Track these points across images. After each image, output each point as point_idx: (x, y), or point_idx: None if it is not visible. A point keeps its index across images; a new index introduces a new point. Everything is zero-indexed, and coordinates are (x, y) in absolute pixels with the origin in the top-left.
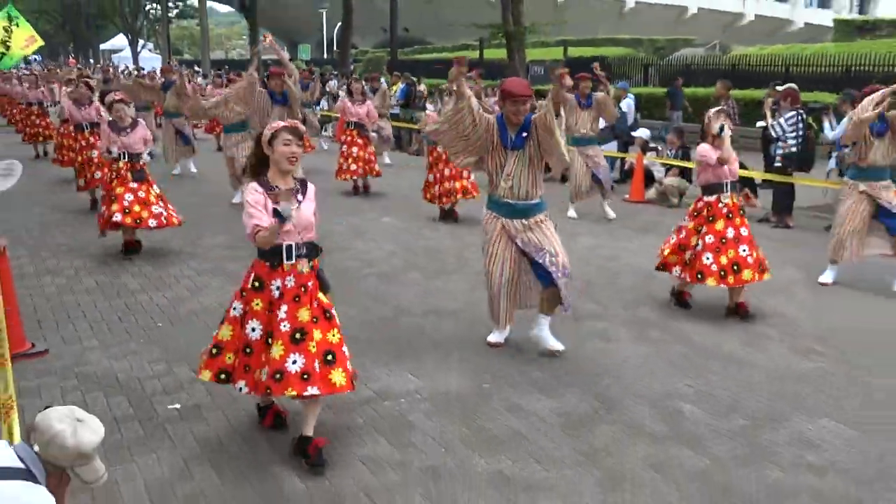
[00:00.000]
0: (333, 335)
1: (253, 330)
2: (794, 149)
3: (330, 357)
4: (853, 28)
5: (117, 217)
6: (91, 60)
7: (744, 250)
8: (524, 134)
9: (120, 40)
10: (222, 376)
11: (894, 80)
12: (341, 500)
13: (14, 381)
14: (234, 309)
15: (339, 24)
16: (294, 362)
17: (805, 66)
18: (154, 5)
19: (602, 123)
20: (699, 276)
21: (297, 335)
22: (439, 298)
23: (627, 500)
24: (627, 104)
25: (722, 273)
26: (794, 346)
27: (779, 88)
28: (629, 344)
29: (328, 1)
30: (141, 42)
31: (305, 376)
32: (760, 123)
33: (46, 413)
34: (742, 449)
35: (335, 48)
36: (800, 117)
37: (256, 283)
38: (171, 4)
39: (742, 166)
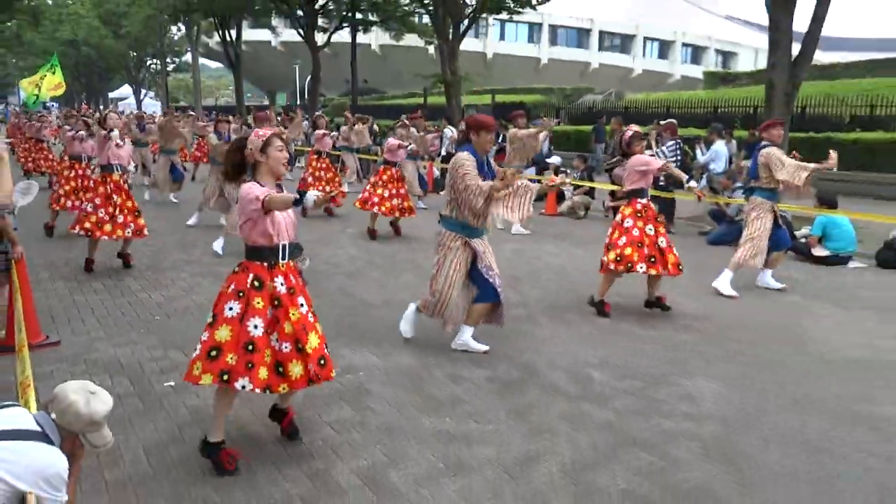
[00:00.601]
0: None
1: (255, 327)
2: None
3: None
4: (718, 78)
5: (108, 227)
6: (101, 106)
7: (662, 241)
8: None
9: (125, 90)
10: (225, 377)
11: (751, 118)
12: (312, 456)
13: (31, 367)
14: (230, 310)
15: (310, 76)
16: (325, 347)
17: (682, 108)
18: (154, 61)
19: None
20: (652, 260)
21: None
22: (394, 292)
23: (547, 447)
24: (542, 135)
25: (651, 259)
26: (677, 324)
27: (661, 123)
28: (547, 325)
29: (300, 58)
30: (143, 91)
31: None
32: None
33: (64, 386)
34: (638, 404)
35: (306, 96)
36: (678, 145)
37: (256, 283)
38: (168, 60)
39: None
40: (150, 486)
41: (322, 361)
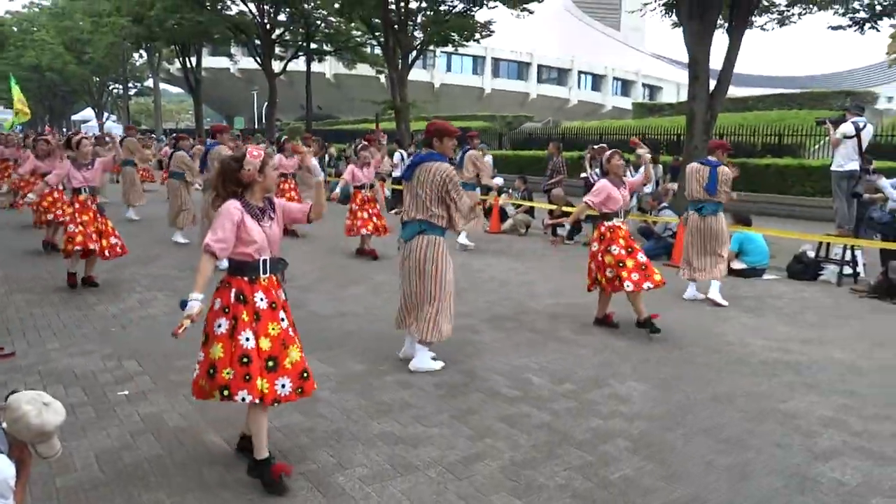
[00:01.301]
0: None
1: (247, 339)
2: None
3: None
4: (646, 109)
5: (79, 238)
6: (64, 129)
7: (642, 257)
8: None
9: (88, 112)
10: (225, 392)
11: (675, 144)
12: None
13: None
14: (219, 327)
15: (266, 102)
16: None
17: (613, 135)
18: (117, 85)
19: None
20: (617, 280)
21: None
22: (346, 304)
23: (489, 445)
24: (488, 159)
25: (634, 275)
26: (609, 332)
27: (595, 147)
28: (489, 333)
29: (257, 84)
30: (105, 114)
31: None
32: (583, 175)
33: (17, 395)
34: (573, 405)
35: (263, 120)
36: None
37: (241, 297)
38: (130, 85)
39: (569, 205)
40: (101, 492)
41: (305, 374)
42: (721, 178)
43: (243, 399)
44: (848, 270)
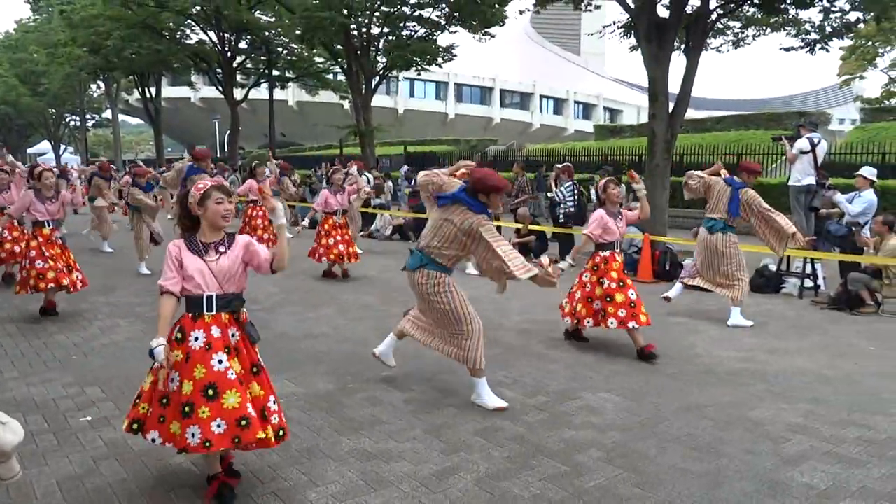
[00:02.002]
0: (260, 390)
1: (172, 381)
2: (572, 209)
3: (264, 413)
4: (607, 131)
5: (51, 275)
6: (20, 163)
7: (633, 294)
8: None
9: (45, 145)
10: (135, 426)
11: (636, 164)
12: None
13: None
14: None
15: (228, 130)
16: (248, 407)
17: (577, 156)
18: (74, 117)
19: None
20: (601, 315)
21: (241, 382)
22: (312, 325)
23: (464, 458)
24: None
25: (621, 312)
26: (581, 346)
27: (559, 166)
28: None
29: (219, 113)
30: (63, 146)
31: (264, 417)
32: (550, 194)
33: None
34: (546, 417)
35: (226, 149)
36: (575, 186)
37: (179, 335)
38: (88, 116)
39: (535, 223)
40: None
41: (244, 422)
42: (742, 199)
43: (153, 440)
44: (809, 283)
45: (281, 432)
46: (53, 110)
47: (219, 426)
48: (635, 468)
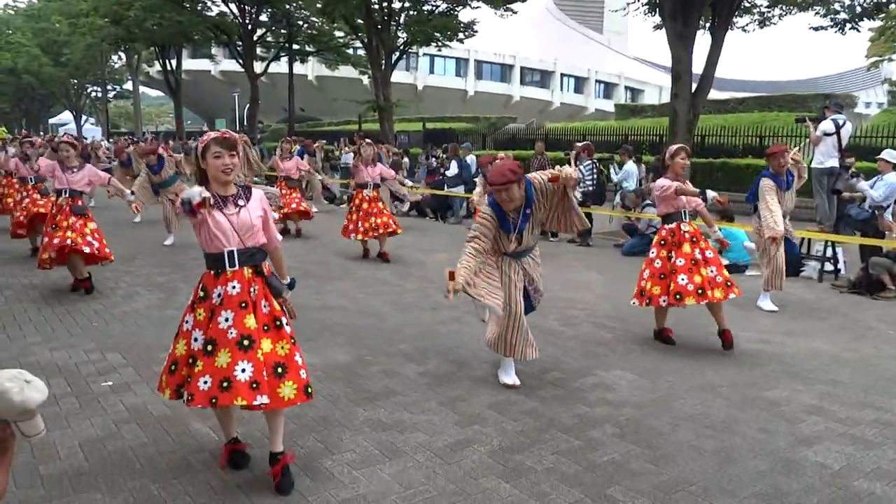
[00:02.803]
0: (283, 347)
1: (195, 340)
2: (590, 188)
3: (280, 370)
4: (628, 110)
5: (55, 241)
6: (41, 133)
7: (712, 271)
8: (528, 211)
9: (66, 116)
10: (182, 391)
11: (657, 145)
12: (249, 446)
13: None
14: (187, 323)
15: (248, 104)
16: (243, 370)
17: (597, 135)
18: (95, 88)
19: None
20: (677, 296)
21: (245, 342)
22: (329, 298)
23: (477, 431)
24: (471, 159)
25: (699, 291)
26: (596, 324)
27: (579, 144)
28: (476, 324)
29: (239, 86)
30: (84, 117)
31: (255, 385)
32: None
33: None
34: (560, 393)
35: (245, 123)
36: (594, 165)
37: (202, 293)
38: (109, 88)
39: None
40: (86, 480)
41: (225, 384)
42: (760, 188)
43: (187, 399)
44: (829, 267)
45: (308, 389)
46: (75, 81)
47: (205, 383)
48: (649, 444)
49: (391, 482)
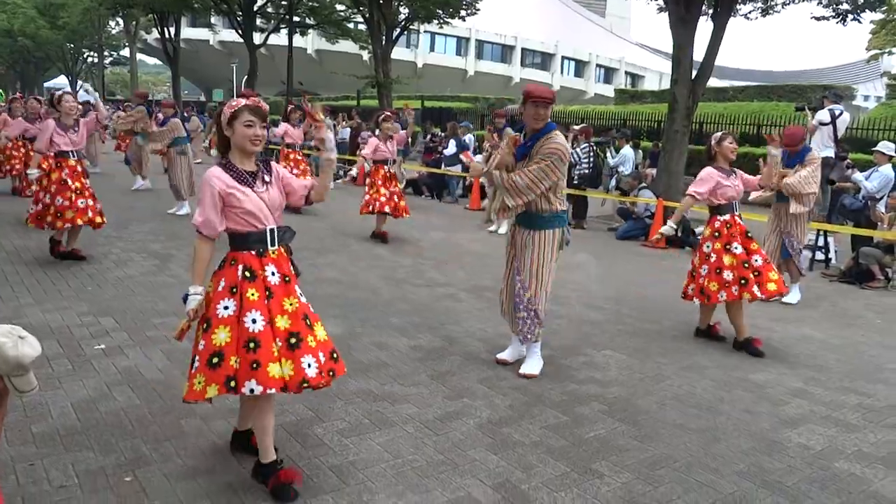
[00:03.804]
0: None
1: (254, 321)
2: (586, 171)
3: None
4: (628, 96)
5: (69, 214)
6: (37, 96)
7: (757, 260)
8: (529, 143)
9: (61, 80)
10: (232, 384)
11: (655, 131)
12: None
13: None
14: (225, 309)
15: (246, 75)
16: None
17: (596, 120)
18: (92, 53)
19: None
20: (737, 288)
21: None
22: (324, 270)
23: (467, 404)
24: (469, 138)
25: (756, 287)
26: (588, 305)
27: (576, 128)
28: (468, 301)
29: (237, 57)
30: (79, 82)
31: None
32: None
33: None
34: (550, 370)
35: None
36: (591, 148)
37: (248, 274)
38: (106, 53)
39: None
40: (77, 439)
41: (335, 355)
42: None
43: (251, 391)
44: (820, 256)
45: (331, 373)
46: (71, 45)
47: (310, 365)
48: (635, 422)
49: (381, 451)
